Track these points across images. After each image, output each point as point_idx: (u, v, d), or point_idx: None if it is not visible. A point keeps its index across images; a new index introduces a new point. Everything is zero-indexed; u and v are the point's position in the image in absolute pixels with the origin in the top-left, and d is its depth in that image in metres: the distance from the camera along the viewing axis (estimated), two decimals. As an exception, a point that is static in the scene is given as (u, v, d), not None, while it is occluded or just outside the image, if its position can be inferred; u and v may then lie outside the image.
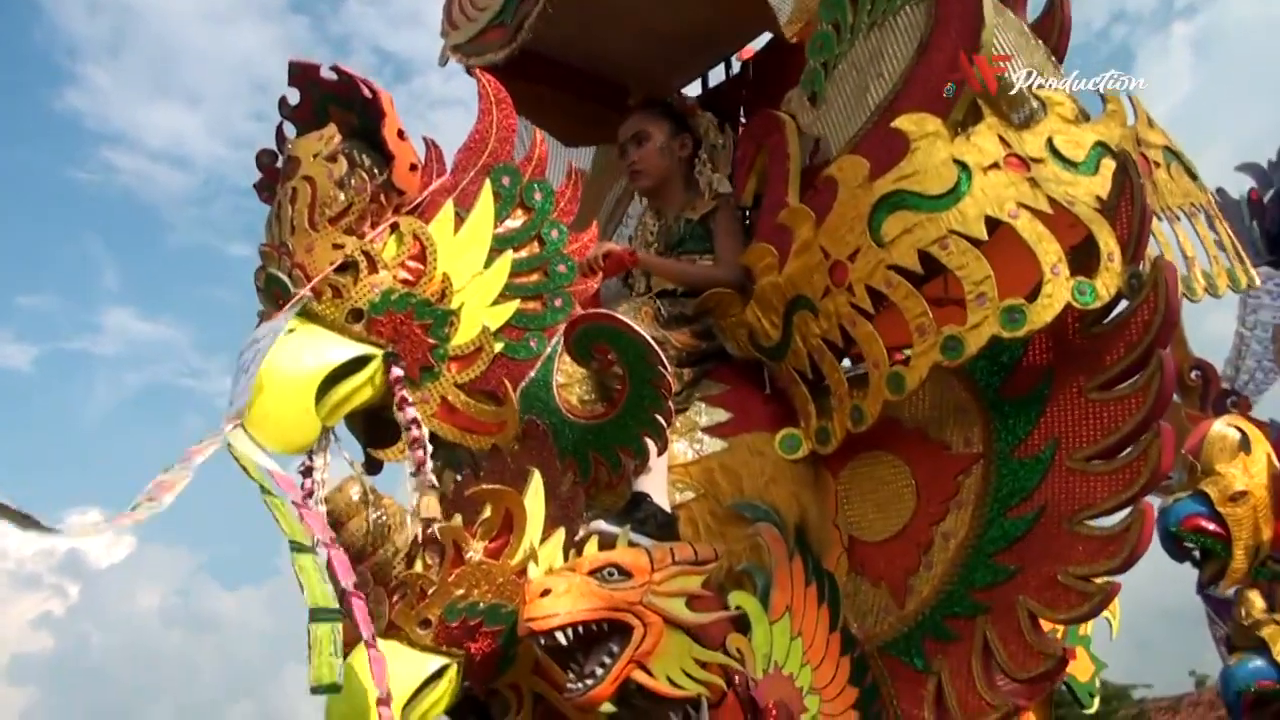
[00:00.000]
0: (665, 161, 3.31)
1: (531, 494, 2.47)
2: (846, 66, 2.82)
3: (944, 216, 2.44)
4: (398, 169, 2.55)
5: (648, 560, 2.34)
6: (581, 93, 3.69)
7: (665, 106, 3.42)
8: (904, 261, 2.47)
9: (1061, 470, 2.44)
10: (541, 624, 2.20)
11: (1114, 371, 2.41)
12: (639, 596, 2.30)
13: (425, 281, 2.54)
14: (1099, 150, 2.58)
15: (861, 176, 2.55)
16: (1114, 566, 2.34)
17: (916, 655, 2.55)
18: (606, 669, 2.25)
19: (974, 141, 2.49)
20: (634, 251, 2.98)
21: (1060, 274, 2.36)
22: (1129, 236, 2.41)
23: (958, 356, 2.39)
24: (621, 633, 2.27)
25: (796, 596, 2.61)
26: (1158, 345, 2.36)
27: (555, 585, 2.24)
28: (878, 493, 2.69)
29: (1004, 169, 2.47)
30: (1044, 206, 2.43)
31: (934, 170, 2.47)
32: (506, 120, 2.71)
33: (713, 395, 2.83)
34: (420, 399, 2.54)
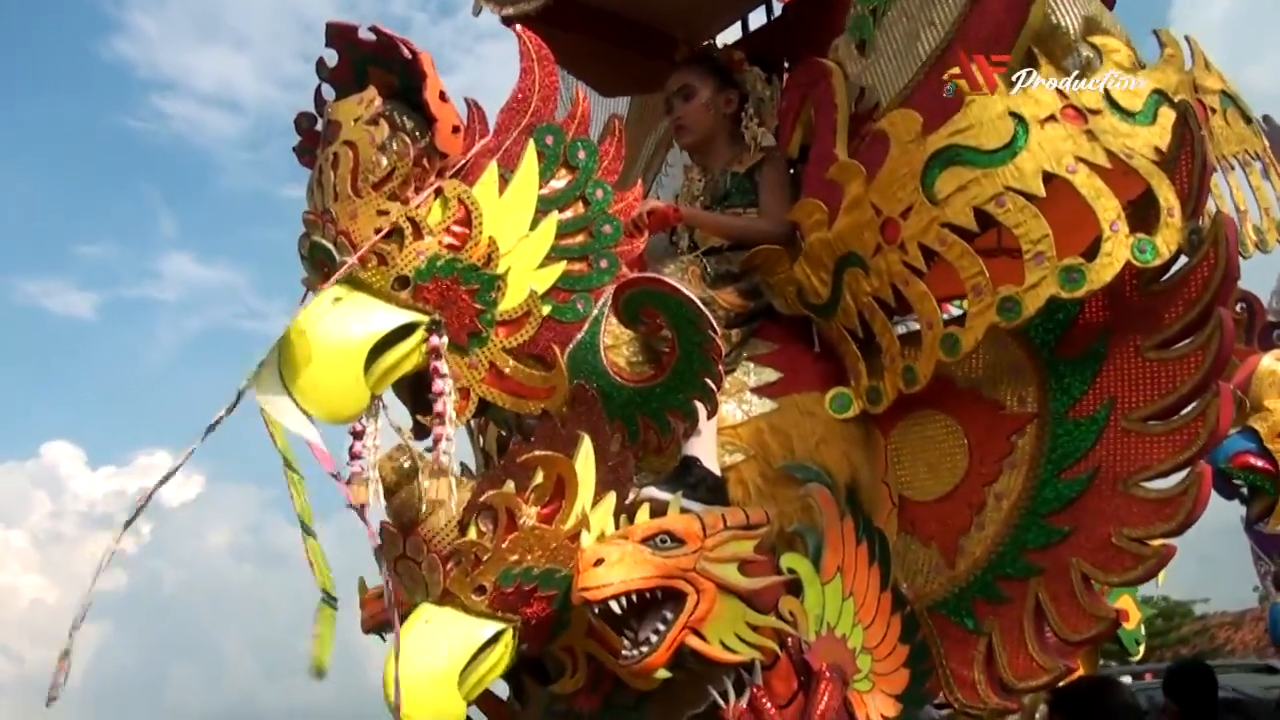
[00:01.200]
0: (711, 117, 3.24)
1: (582, 459, 2.47)
2: (896, 13, 2.74)
3: (1000, 172, 2.38)
4: (440, 132, 2.51)
5: (700, 526, 2.34)
6: (618, 41, 3.61)
7: (711, 61, 3.34)
8: (959, 220, 2.41)
9: (1117, 431, 2.41)
10: (596, 593, 2.21)
11: (1172, 330, 2.37)
12: (692, 563, 2.30)
13: (471, 246, 2.51)
14: (1156, 99, 2.50)
15: (914, 131, 2.49)
16: (1170, 529, 2.32)
17: (967, 615, 2.55)
18: (661, 636, 2.26)
19: (1030, 93, 2.42)
20: (678, 208, 2.94)
21: (1120, 231, 2.30)
22: (1189, 191, 2.35)
23: (1016, 318, 2.35)
24: (675, 599, 2.28)
25: (848, 557, 2.61)
26: (1218, 303, 2.31)
27: (609, 554, 2.25)
28: (929, 452, 2.67)
29: (1061, 121, 2.40)
30: (1102, 161, 2.36)
31: (989, 124, 2.41)
32: (548, 78, 2.65)
33: (761, 355, 2.81)
34: (469, 365, 2.53)
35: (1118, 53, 2.52)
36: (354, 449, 2.47)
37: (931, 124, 2.48)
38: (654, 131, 3.87)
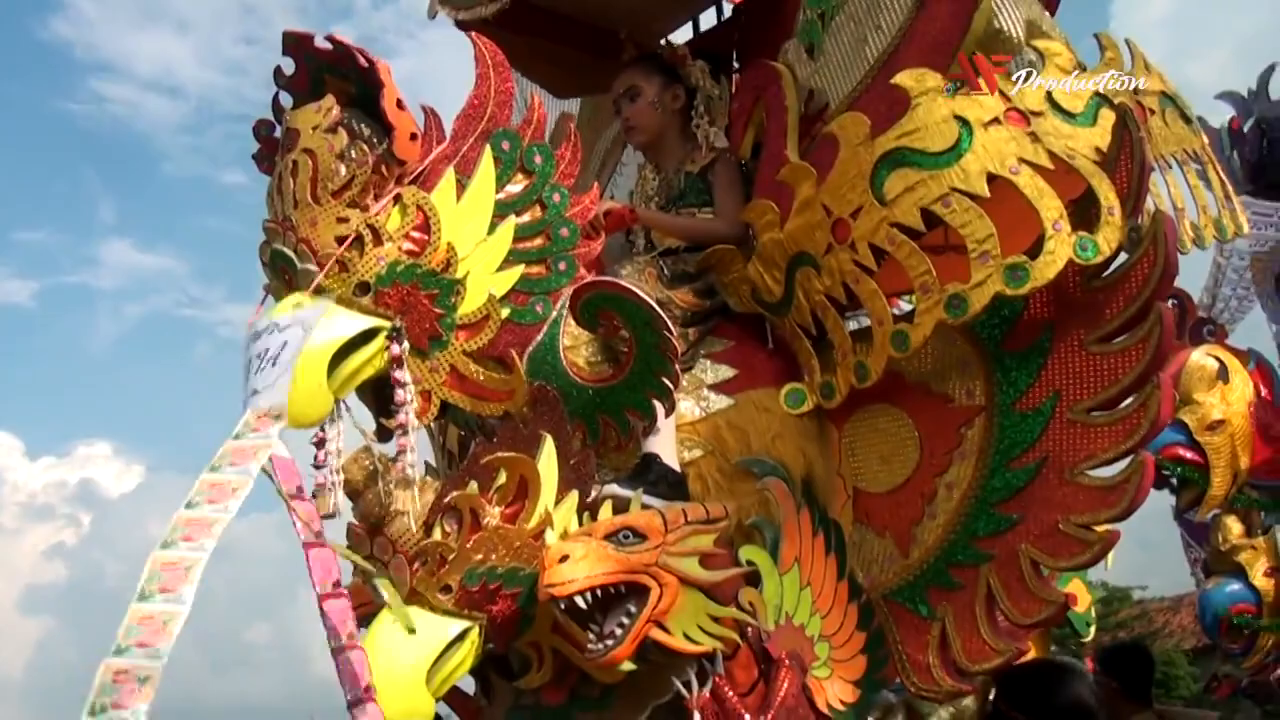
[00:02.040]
0: (658, 115, 3.29)
1: (545, 459, 2.51)
2: (844, 18, 2.81)
3: (946, 174, 2.45)
4: (398, 139, 2.53)
5: (661, 522, 2.39)
6: (571, 42, 3.65)
7: (656, 59, 3.39)
8: (906, 220, 2.49)
9: (1062, 422, 2.50)
10: (561, 589, 2.26)
11: (1114, 325, 2.45)
12: (654, 558, 2.36)
13: (430, 252, 2.54)
14: (1097, 101, 2.58)
15: (863, 134, 2.55)
16: (1114, 515, 2.41)
17: (921, 603, 2.63)
18: (626, 629, 2.31)
19: (974, 97, 2.49)
20: (634, 209, 3.00)
21: (1062, 230, 2.38)
22: (1128, 190, 2.44)
23: (962, 314, 2.43)
24: (638, 594, 2.34)
25: (805, 547, 2.68)
26: (1157, 298, 2.41)
27: (573, 551, 2.30)
28: (882, 445, 2.75)
29: (1004, 124, 2.48)
30: (1045, 162, 2.44)
31: (935, 127, 2.48)
32: (504, 84, 2.69)
33: (717, 352, 2.87)
34: (430, 368, 2.56)
35: (1059, 56, 2.60)
36: (318, 458, 2.51)
37: (879, 127, 2.55)
38: (607, 130, 3.92)
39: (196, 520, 2.03)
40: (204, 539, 1.98)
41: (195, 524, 2.02)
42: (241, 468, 2.15)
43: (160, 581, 1.93)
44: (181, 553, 1.97)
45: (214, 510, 2.06)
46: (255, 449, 2.20)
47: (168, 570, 1.94)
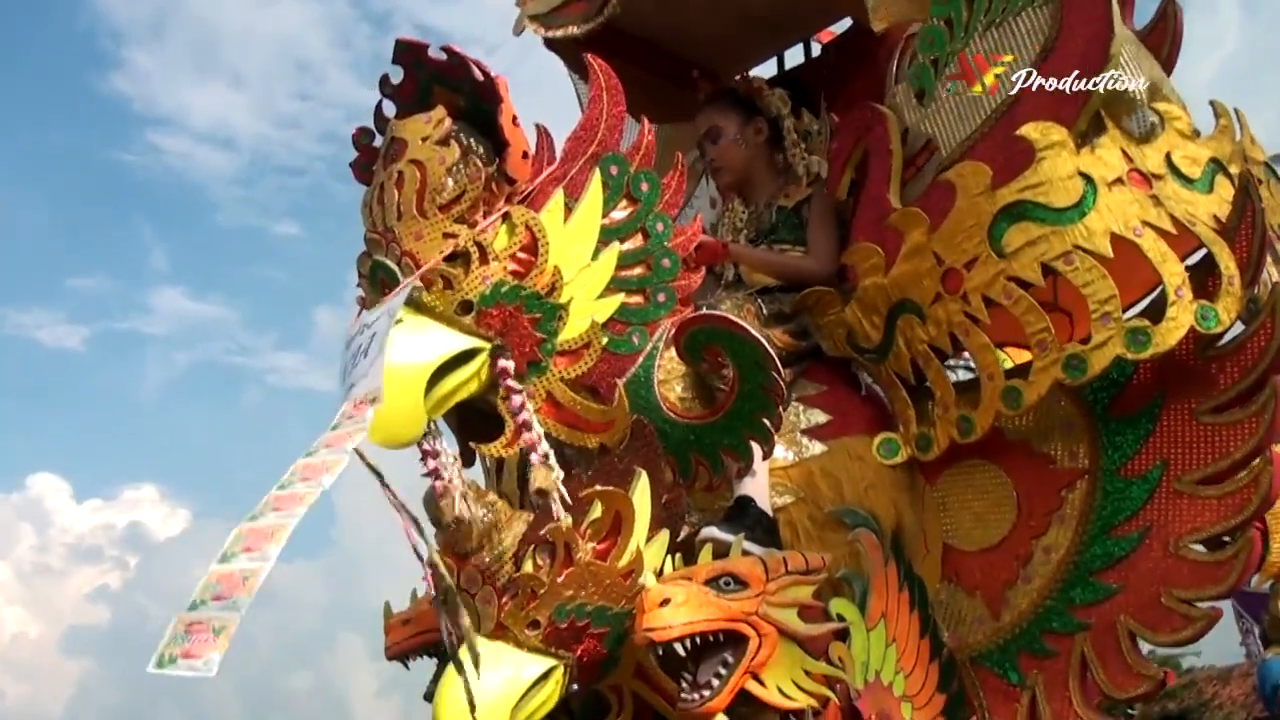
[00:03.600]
0: (743, 151, 3.25)
1: (638, 495, 2.43)
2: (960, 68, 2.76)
3: (1069, 231, 2.41)
4: (511, 157, 2.48)
5: (763, 570, 2.32)
6: (653, 69, 3.61)
7: (732, 94, 3.34)
8: (1026, 274, 2.44)
9: (1169, 492, 2.45)
10: (662, 634, 2.18)
11: (1227, 396, 2.41)
12: (755, 606, 2.28)
13: (536, 274, 2.48)
14: (1213, 167, 2.56)
15: (984, 184, 2.51)
16: (1219, 592, 2.37)
17: (1011, 669, 2.56)
18: (723, 680, 2.24)
19: (1099, 155, 2.46)
20: (727, 244, 2.94)
21: (1184, 296, 2.35)
22: (1248, 260, 2.41)
23: (1081, 375, 2.38)
24: (736, 642, 2.26)
25: (891, 603, 2.61)
26: (1273, 372, 2.37)
27: (674, 595, 2.22)
28: (977, 502, 2.68)
29: (1128, 185, 2.44)
30: (1167, 225, 2.41)
31: (1060, 183, 2.44)
32: (616, 108, 2.64)
33: (810, 396, 2.81)
34: (528, 394, 2.49)
35: (1179, 120, 2.57)
36: (432, 468, 2.42)
37: (999, 178, 2.51)
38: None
39: (286, 496, 1.95)
40: (294, 508, 1.89)
41: (285, 499, 1.94)
42: (336, 449, 2.05)
43: (243, 543, 1.85)
44: (269, 520, 1.88)
45: (306, 487, 1.96)
46: (350, 434, 2.11)
47: (252, 535, 1.86)
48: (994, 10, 2.71)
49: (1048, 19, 2.59)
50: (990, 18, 2.71)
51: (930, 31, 2.82)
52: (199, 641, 1.71)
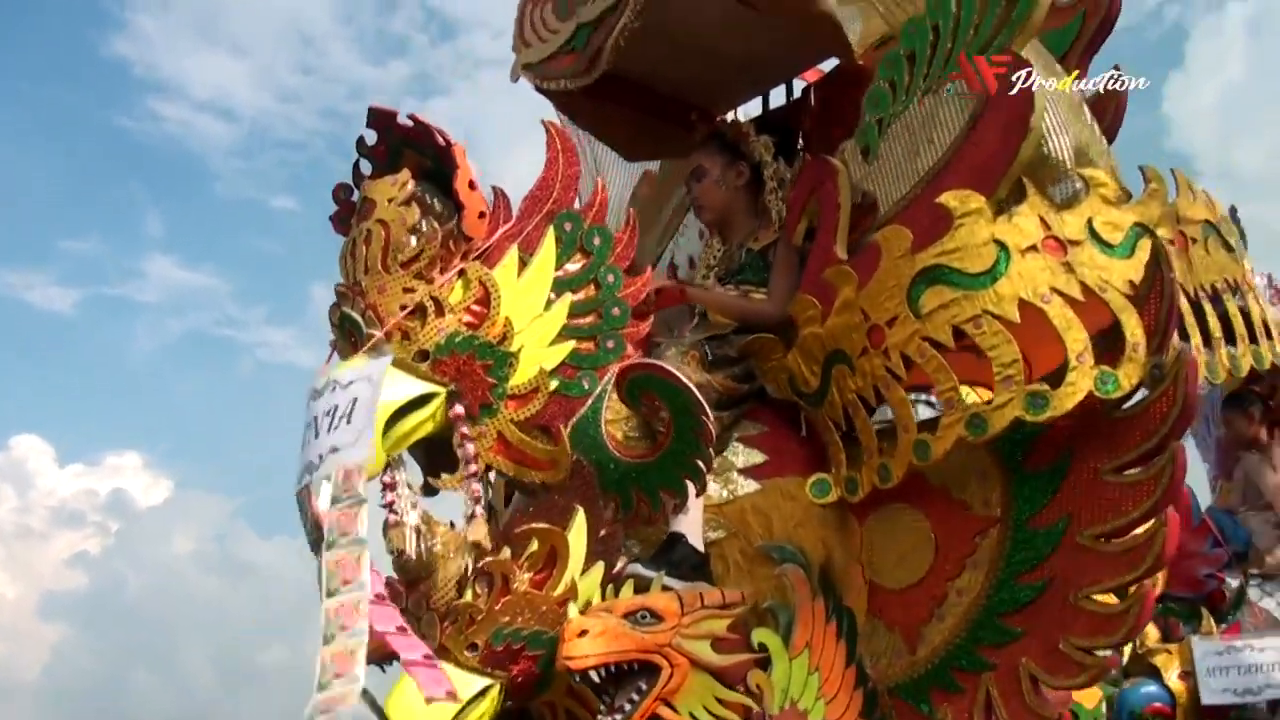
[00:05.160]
0: (723, 192, 3.44)
1: (575, 531, 2.67)
2: (900, 127, 2.92)
3: (980, 295, 2.56)
4: (467, 217, 2.72)
5: (678, 605, 2.54)
6: (644, 109, 3.81)
7: (719, 138, 3.52)
8: (938, 335, 2.59)
9: (1072, 545, 2.57)
10: (578, 663, 2.42)
11: (1130, 457, 2.52)
12: (668, 639, 2.51)
13: (488, 325, 2.72)
14: (1137, 231, 2.65)
15: (904, 247, 2.67)
16: (1112, 642, 2.50)
17: (924, 701, 2.72)
18: (635, 705, 2.47)
19: (1015, 222, 2.59)
20: (684, 288, 3.15)
21: (1085, 362, 2.48)
22: (1155, 327, 2.51)
23: (981, 434, 2.53)
24: (650, 672, 2.49)
25: (816, 633, 2.79)
26: (1173, 436, 2.48)
27: (592, 626, 2.46)
28: (900, 543, 2.84)
29: (1042, 252, 2.57)
30: (1076, 293, 2.53)
31: (974, 249, 2.58)
32: (570, 168, 2.85)
33: (750, 436, 3.00)
34: (478, 434, 2.73)
35: (1105, 186, 2.68)
36: (388, 500, 2.68)
37: (920, 242, 2.66)
38: (675, 194, 4.06)
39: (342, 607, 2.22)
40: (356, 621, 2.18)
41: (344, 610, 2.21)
42: (353, 536, 2.32)
43: (341, 575, 2.20)
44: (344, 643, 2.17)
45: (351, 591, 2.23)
46: (355, 513, 2.37)
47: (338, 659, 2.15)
48: (931, 77, 2.85)
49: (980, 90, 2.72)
50: (928, 83, 2.85)
51: (876, 92, 2.97)
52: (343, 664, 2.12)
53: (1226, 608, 4.18)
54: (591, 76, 3.41)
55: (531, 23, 3.65)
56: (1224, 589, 4.11)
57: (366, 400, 2.47)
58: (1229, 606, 4.20)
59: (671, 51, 3.63)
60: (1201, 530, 3.94)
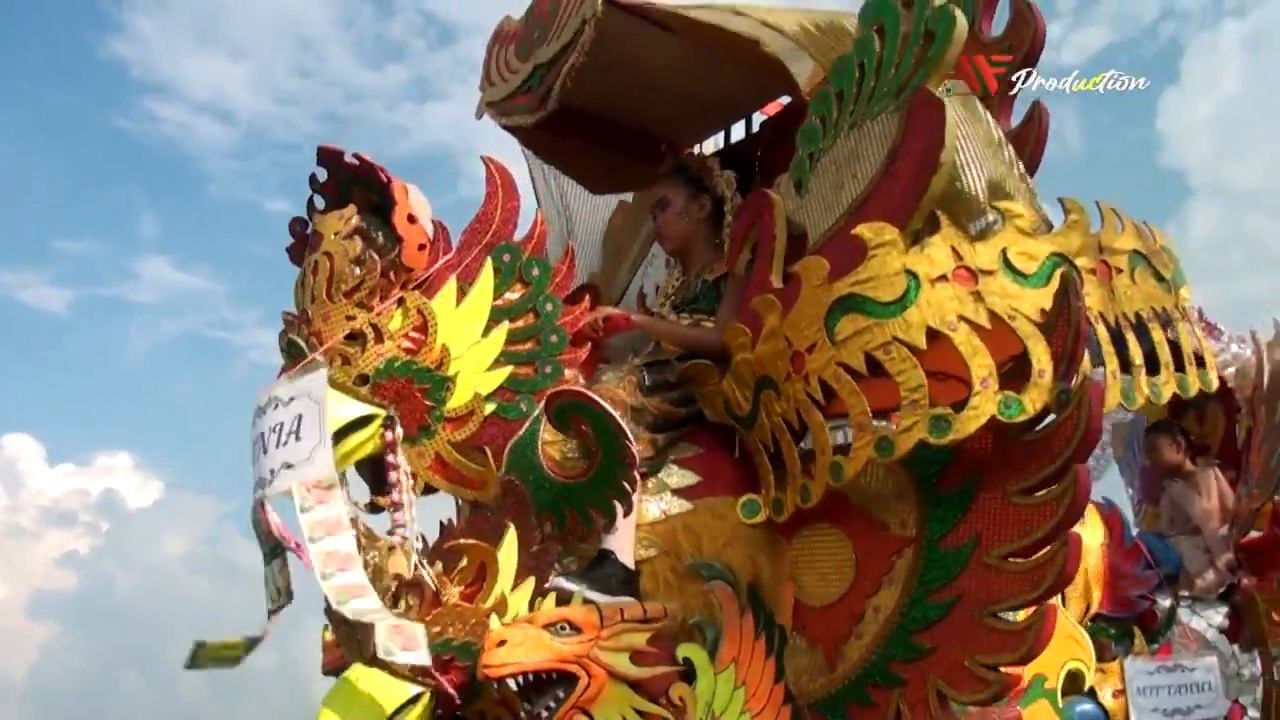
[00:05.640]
0: (685, 224, 3.57)
1: (505, 547, 2.80)
2: (828, 161, 3.02)
3: (890, 323, 2.65)
4: (407, 249, 2.88)
5: (598, 618, 2.66)
6: (608, 144, 3.95)
7: (684, 171, 3.66)
8: (851, 361, 2.70)
9: (979, 564, 2.65)
10: (496, 670, 2.55)
11: (1036, 479, 2.60)
12: (586, 650, 2.63)
13: (426, 351, 2.88)
14: (1054, 261, 2.74)
15: (822, 277, 2.77)
16: (1015, 659, 2.57)
17: (840, 716, 2.81)
18: (551, 713, 2.59)
19: (927, 253, 2.69)
20: (630, 315, 3.28)
21: (989, 387, 2.56)
22: (1062, 354, 2.59)
23: (888, 455, 2.63)
24: (568, 681, 2.61)
25: (744, 649, 2.90)
26: (1075, 460, 2.55)
27: (511, 636, 2.59)
28: (823, 562, 2.94)
29: (952, 281, 2.66)
30: (984, 320, 2.62)
31: (886, 279, 2.68)
32: (510, 203, 3.01)
33: (685, 458, 3.12)
34: (418, 453, 2.89)
35: (1020, 218, 2.76)
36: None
37: (839, 271, 2.76)
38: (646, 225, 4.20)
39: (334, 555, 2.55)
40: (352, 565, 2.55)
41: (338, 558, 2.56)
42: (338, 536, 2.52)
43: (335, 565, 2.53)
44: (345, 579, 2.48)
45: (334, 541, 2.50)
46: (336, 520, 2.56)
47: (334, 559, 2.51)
48: (856, 113, 2.95)
49: (895, 126, 2.82)
50: (854, 119, 2.96)
51: (808, 128, 3.09)
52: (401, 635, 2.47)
53: (1158, 628, 4.28)
54: (543, 113, 3.56)
55: (497, 64, 3.82)
56: (1155, 610, 4.19)
57: (313, 414, 2.64)
58: (1160, 627, 4.30)
59: (632, 89, 3.79)
60: (1134, 553, 4.04)
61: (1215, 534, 4.89)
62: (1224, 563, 4.75)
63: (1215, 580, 4.76)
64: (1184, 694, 3.91)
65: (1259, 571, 4.83)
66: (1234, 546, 4.76)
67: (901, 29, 2.87)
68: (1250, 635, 4.88)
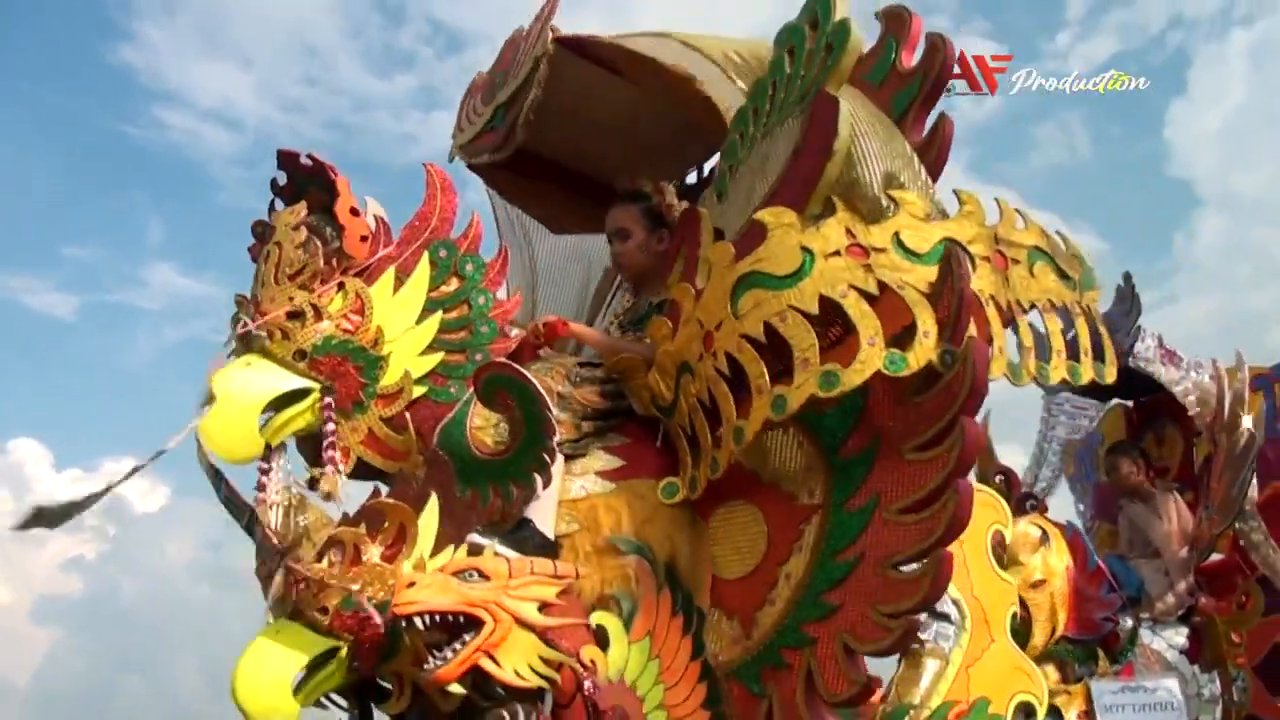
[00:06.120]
0: (643, 257, 3.77)
1: (427, 512, 2.93)
2: (744, 170, 3.27)
3: (786, 294, 2.83)
4: (348, 239, 3.13)
5: (506, 568, 2.77)
6: (572, 187, 4.23)
7: (647, 203, 3.87)
8: (752, 331, 2.86)
9: (879, 521, 2.74)
10: (403, 609, 2.65)
11: (928, 436, 2.71)
12: (494, 596, 2.72)
13: (362, 331, 3.09)
14: (947, 244, 2.93)
15: (728, 259, 2.97)
16: (913, 605, 2.63)
17: (754, 680, 2.85)
18: (456, 654, 2.67)
19: (822, 231, 2.88)
20: (566, 322, 3.48)
21: (875, 345, 2.71)
22: (947, 318, 2.75)
23: (782, 412, 2.76)
24: (474, 626, 2.69)
25: (660, 624, 2.97)
26: (963, 413, 2.66)
27: (420, 580, 2.70)
28: (738, 536, 3.03)
29: (844, 256, 2.85)
30: (873, 289, 2.79)
31: (784, 255, 2.87)
32: (448, 203, 3.27)
33: (613, 445, 3.25)
34: (351, 428, 3.07)
35: (913, 205, 2.96)
36: (260, 483, 3.01)
37: (744, 253, 2.96)
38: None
39: None
40: None
41: None
42: None
43: None
44: None
45: None
46: None
47: None
48: (769, 123, 3.21)
49: (799, 127, 3.07)
50: (765, 128, 3.22)
51: (730, 144, 3.35)
52: None
53: (1120, 649, 4.26)
54: (508, 150, 3.86)
55: (466, 113, 4.16)
56: (1119, 631, 4.20)
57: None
58: (1122, 648, 4.28)
59: (592, 136, 4.09)
60: (1097, 576, 4.08)
61: (1176, 557, 4.95)
62: (1184, 586, 4.82)
63: (1175, 603, 4.82)
64: (1147, 713, 3.97)
65: (1219, 594, 5.09)
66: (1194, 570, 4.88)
67: (807, 47, 3.15)
68: (1210, 656, 5.07)
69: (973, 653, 3.75)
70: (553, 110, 3.89)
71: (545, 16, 3.78)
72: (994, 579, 3.87)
